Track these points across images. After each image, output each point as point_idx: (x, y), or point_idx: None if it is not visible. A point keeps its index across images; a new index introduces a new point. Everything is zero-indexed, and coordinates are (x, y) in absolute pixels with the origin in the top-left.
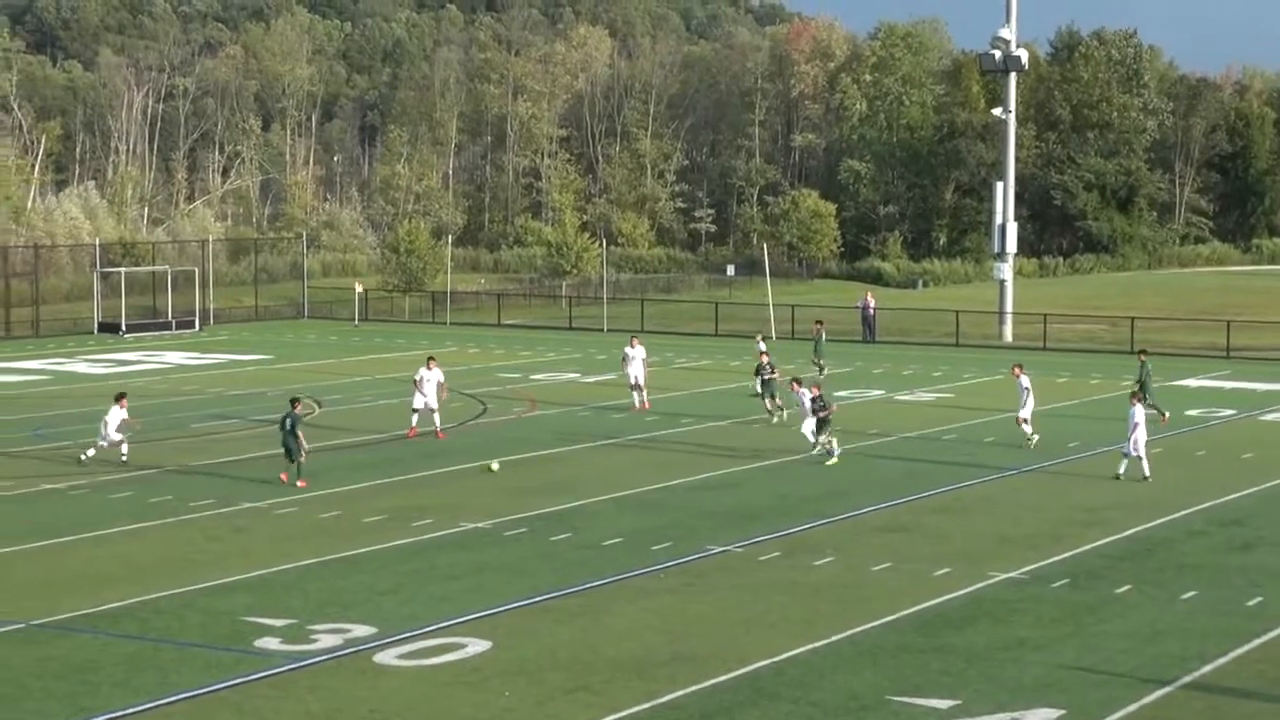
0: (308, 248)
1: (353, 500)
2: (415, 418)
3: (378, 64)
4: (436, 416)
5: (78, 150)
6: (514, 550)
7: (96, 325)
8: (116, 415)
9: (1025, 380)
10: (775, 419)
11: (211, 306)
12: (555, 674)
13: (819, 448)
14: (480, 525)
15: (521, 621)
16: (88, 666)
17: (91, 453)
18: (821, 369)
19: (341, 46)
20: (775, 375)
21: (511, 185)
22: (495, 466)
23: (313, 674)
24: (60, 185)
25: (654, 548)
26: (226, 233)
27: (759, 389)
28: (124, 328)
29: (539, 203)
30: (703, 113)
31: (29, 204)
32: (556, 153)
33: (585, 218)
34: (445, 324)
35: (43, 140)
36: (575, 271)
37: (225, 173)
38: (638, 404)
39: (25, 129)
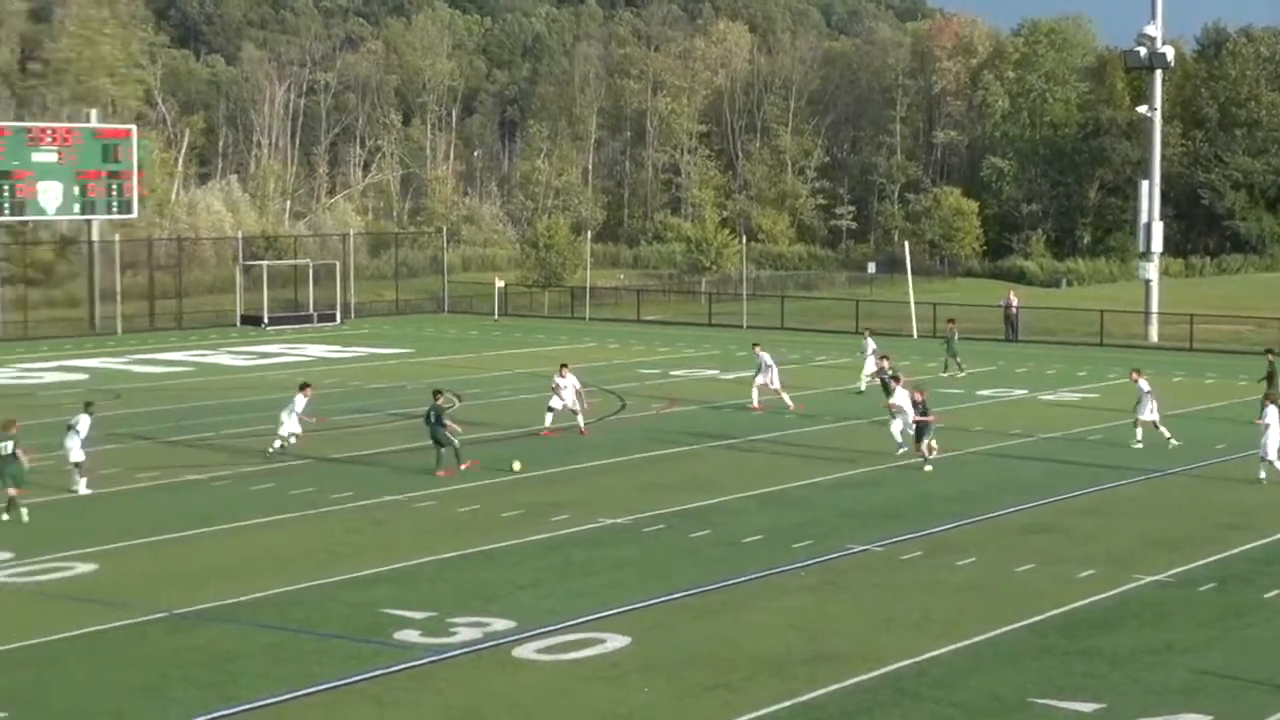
0: (448, 242)
1: (491, 494)
2: (549, 417)
3: (517, 59)
4: (580, 418)
5: (220, 144)
6: (653, 546)
7: (239, 318)
8: (300, 403)
9: (1144, 384)
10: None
11: (352, 300)
12: (694, 671)
13: (904, 449)
14: (618, 521)
15: (661, 618)
16: (230, 656)
17: (292, 440)
18: (956, 368)
19: (481, 41)
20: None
21: (651, 181)
22: (517, 466)
23: (452, 667)
24: (203, 179)
25: (794, 545)
26: (367, 227)
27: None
28: (266, 320)
29: (678, 198)
30: (843, 109)
31: (173, 197)
32: (696, 148)
33: (725, 214)
34: (584, 319)
35: (186, 134)
36: (715, 268)
37: (366, 167)
38: (756, 403)
39: (169, 123)
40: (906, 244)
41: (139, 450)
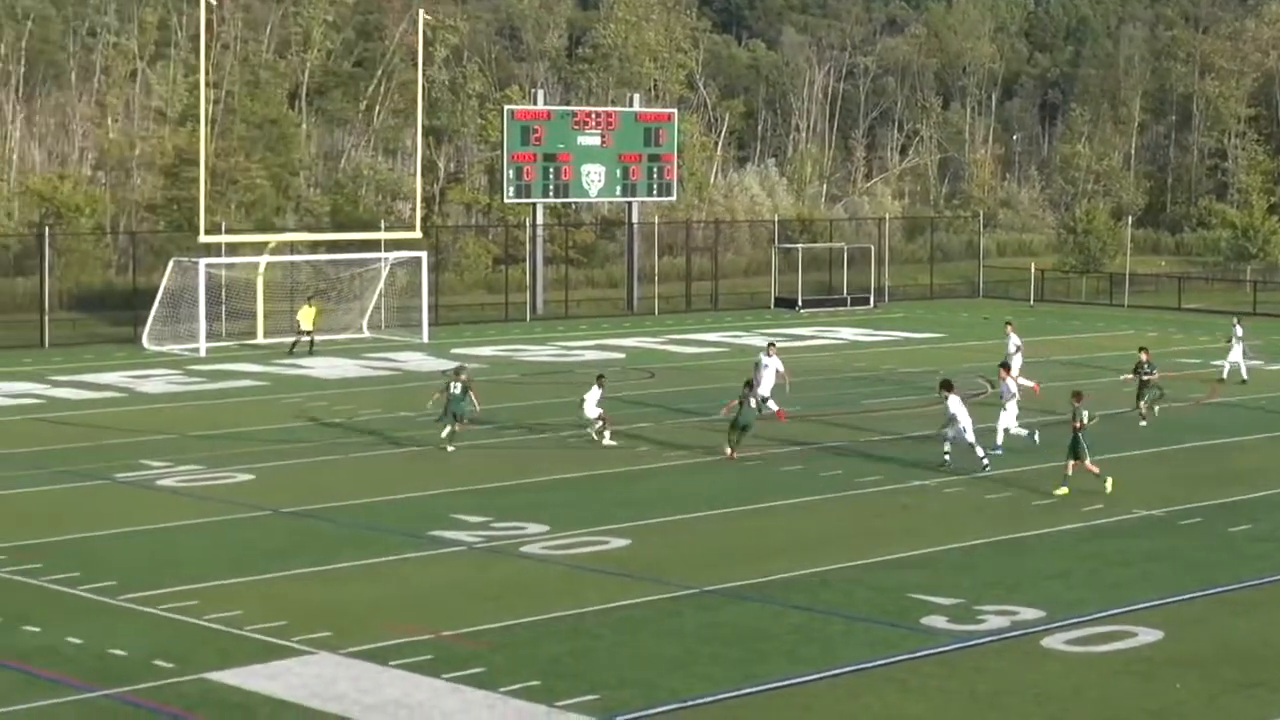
0: (984, 226)
1: (1022, 482)
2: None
3: (1060, 42)
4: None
5: (759, 128)
6: (1188, 539)
7: (773, 300)
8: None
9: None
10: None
11: (886, 284)
12: (1229, 668)
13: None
14: (1154, 513)
15: (1196, 612)
16: (757, 634)
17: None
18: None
19: (1024, 24)
20: (1154, 375)
21: (1195, 166)
22: (450, 448)
23: (979, 654)
24: (741, 162)
25: None
26: (903, 211)
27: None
28: (800, 303)
29: (1224, 184)
30: None
31: (711, 180)
32: (1244, 133)
33: (1274, 200)
34: (1122, 306)
35: (726, 118)
36: (1261, 255)
37: (903, 151)
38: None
39: (709, 107)
40: None
41: (671, 429)
